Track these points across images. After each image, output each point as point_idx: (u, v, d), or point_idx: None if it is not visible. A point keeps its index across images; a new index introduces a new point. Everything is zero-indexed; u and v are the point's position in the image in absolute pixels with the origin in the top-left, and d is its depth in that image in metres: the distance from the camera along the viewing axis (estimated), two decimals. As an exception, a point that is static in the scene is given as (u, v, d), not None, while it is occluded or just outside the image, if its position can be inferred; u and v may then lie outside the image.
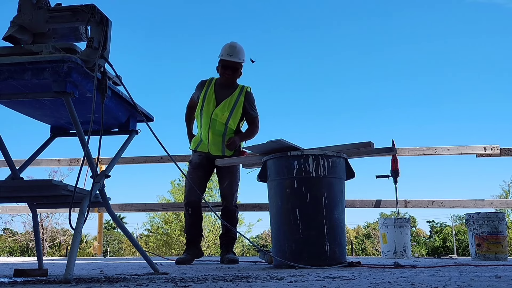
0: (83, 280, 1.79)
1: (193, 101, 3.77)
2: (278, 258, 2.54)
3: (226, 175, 3.58)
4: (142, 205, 5.20)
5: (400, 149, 4.73)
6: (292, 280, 1.71)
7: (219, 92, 3.60)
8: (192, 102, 3.78)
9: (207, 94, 3.59)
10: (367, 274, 1.98)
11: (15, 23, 1.84)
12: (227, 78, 3.59)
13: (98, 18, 1.83)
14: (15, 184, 2.04)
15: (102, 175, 2.04)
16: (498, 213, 3.86)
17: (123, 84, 2.05)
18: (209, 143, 3.53)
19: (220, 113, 3.53)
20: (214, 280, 1.74)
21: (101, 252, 5.61)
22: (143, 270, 2.47)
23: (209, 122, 3.53)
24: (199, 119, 3.60)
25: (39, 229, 2.55)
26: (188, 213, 3.50)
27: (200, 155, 3.57)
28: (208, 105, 3.54)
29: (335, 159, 2.60)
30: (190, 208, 3.49)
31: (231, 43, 3.61)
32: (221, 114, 3.53)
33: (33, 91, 1.84)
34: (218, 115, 3.53)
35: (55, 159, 5.46)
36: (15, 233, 24.20)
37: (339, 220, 2.57)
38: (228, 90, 3.61)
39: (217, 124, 3.53)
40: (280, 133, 49.54)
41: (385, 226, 4.25)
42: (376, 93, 50.85)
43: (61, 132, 2.39)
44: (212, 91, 3.60)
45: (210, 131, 3.53)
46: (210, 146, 3.53)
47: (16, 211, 6.72)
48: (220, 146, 3.56)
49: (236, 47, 3.57)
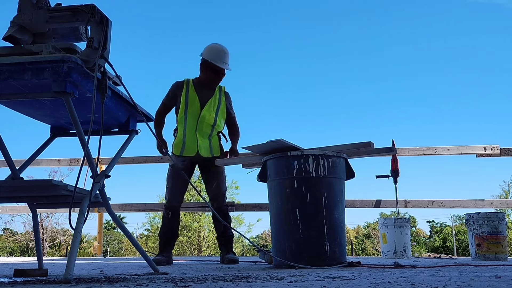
0: (83, 280, 1.79)
1: (165, 106, 3.60)
2: (278, 258, 2.54)
3: (214, 176, 3.56)
4: (142, 205, 5.20)
5: (400, 149, 4.73)
6: (292, 280, 1.71)
7: (201, 93, 3.55)
8: (164, 107, 3.60)
9: (189, 96, 3.51)
10: (367, 274, 1.98)
11: (15, 23, 1.85)
12: (215, 83, 3.59)
13: (98, 18, 1.83)
14: (15, 184, 2.04)
15: (102, 175, 2.04)
16: (498, 213, 3.86)
17: (123, 84, 2.05)
18: (198, 145, 3.49)
19: (208, 114, 3.52)
20: (214, 280, 1.74)
21: (101, 252, 5.62)
22: (143, 270, 2.47)
23: (196, 124, 3.49)
24: (182, 122, 3.51)
25: (39, 229, 2.55)
26: (168, 217, 3.48)
27: (184, 160, 3.51)
28: (193, 107, 3.49)
29: (335, 159, 2.60)
30: (171, 212, 3.47)
31: (223, 48, 3.56)
32: (208, 115, 3.52)
33: (33, 91, 1.84)
34: (205, 117, 3.51)
35: (55, 159, 5.46)
36: (15, 233, 24.21)
37: (339, 220, 2.57)
38: (209, 91, 3.59)
39: (204, 125, 3.52)
40: (280, 133, 49.57)
41: (385, 226, 4.25)
42: (376, 93, 50.88)
43: (61, 132, 2.39)
44: (194, 93, 3.53)
45: (198, 133, 3.50)
46: (200, 149, 3.49)
47: (16, 211, 6.72)
48: (208, 147, 3.55)
49: (228, 54, 3.57)
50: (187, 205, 5.42)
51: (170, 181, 3.51)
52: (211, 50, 3.55)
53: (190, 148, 3.49)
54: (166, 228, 3.51)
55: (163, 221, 3.54)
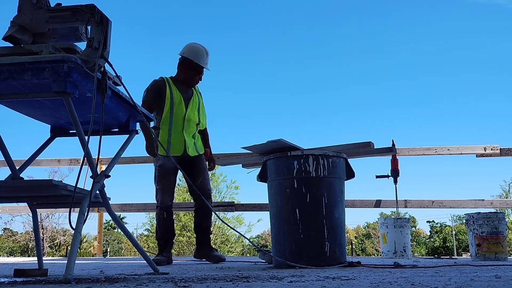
0: (83, 280, 1.79)
1: (150, 105, 3.39)
2: (278, 258, 2.54)
3: (200, 171, 3.56)
4: (142, 205, 5.19)
5: (400, 149, 4.73)
6: (292, 280, 1.71)
7: (183, 93, 3.53)
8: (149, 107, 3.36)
9: (173, 95, 3.44)
10: (367, 274, 1.98)
11: (15, 23, 1.84)
12: (196, 82, 3.59)
13: (98, 18, 1.82)
14: (15, 184, 2.04)
15: (102, 175, 2.04)
16: (498, 213, 3.86)
17: (123, 84, 2.05)
18: (186, 145, 3.48)
19: (192, 113, 3.53)
20: (214, 280, 1.74)
21: (101, 252, 5.61)
22: (143, 270, 2.47)
23: (183, 123, 3.47)
24: (167, 122, 3.43)
25: (39, 229, 2.55)
26: (164, 217, 3.46)
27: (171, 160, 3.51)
28: (178, 106, 3.45)
29: (335, 159, 2.60)
30: (165, 212, 3.46)
31: (205, 48, 3.55)
32: (192, 114, 3.53)
33: (33, 91, 1.84)
34: (191, 116, 3.51)
35: (55, 159, 5.46)
36: (15, 233, 24.21)
37: (339, 220, 2.57)
38: (188, 90, 3.58)
39: (190, 125, 3.52)
40: (280, 133, 49.59)
41: (385, 226, 4.25)
42: (376, 93, 50.91)
43: (61, 132, 2.39)
44: (178, 92, 3.48)
45: (185, 133, 3.49)
46: (188, 148, 3.49)
47: (16, 211, 6.72)
48: (194, 146, 3.56)
49: (209, 55, 3.58)
50: (187, 205, 5.41)
51: (160, 181, 3.46)
52: (193, 49, 3.53)
53: (177, 148, 3.46)
54: (163, 229, 3.48)
55: (159, 222, 3.49)
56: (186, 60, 3.51)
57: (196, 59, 3.48)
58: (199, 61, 3.49)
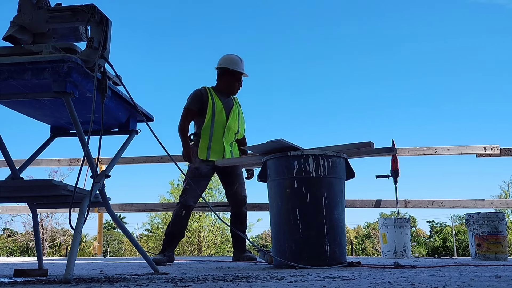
0: (83, 280, 1.79)
1: (193, 113, 3.58)
2: (278, 258, 2.54)
3: (236, 178, 3.68)
4: (142, 205, 5.19)
5: (400, 149, 4.73)
6: (292, 280, 1.71)
7: (224, 102, 3.67)
8: (192, 115, 3.59)
9: (215, 105, 3.60)
10: (367, 274, 1.98)
11: (15, 23, 1.85)
12: (237, 90, 3.75)
13: (98, 18, 1.83)
14: (15, 184, 2.04)
15: (102, 175, 2.04)
16: (498, 213, 3.86)
17: (123, 84, 2.05)
18: (225, 152, 3.59)
19: (233, 123, 3.66)
20: (214, 280, 1.74)
21: (101, 252, 5.62)
22: (143, 270, 2.47)
23: (223, 132, 3.60)
24: (208, 130, 3.57)
25: (39, 229, 2.55)
26: (182, 215, 3.47)
27: (208, 165, 3.56)
28: (220, 115, 3.59)
29: (335, 159, 2.60)
30: (185, 211, 3.48)
31: (239, 57, 3.74)
32: (233, 124, 3.67)
33: (33, 91, 1.84)
34: (231, 125, 3.65)
35: (55, 159, 5.46)
36: (15, 233, 24.20)
37: (339, 220, 2.57)
38: (228, 100, 3.72)
39: (229, 133, 3.65)
40: (280, 133, 49.55)
41: (385, 226, 4.25)
42: (376, 93, 50.85)
43: (61, 132, 2.39)
44: (219, 102, 3.63)
45: (225, 142, 3.62)
46: (226, 155, 3.60)
47: (16, 211, 6.72)
48: (231, 154, 3.69)
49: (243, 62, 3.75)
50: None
51: (192, 181, 3.45)
52: (228, 59, 3.71)
53: (217, 154, 3.58)
54: (176, 227, 3.49)
55: (175, 218, 3.49)
56: (223, 69, 3.69)
57: (232, 67, 3.66)
58: (236, 68, 3.66)
